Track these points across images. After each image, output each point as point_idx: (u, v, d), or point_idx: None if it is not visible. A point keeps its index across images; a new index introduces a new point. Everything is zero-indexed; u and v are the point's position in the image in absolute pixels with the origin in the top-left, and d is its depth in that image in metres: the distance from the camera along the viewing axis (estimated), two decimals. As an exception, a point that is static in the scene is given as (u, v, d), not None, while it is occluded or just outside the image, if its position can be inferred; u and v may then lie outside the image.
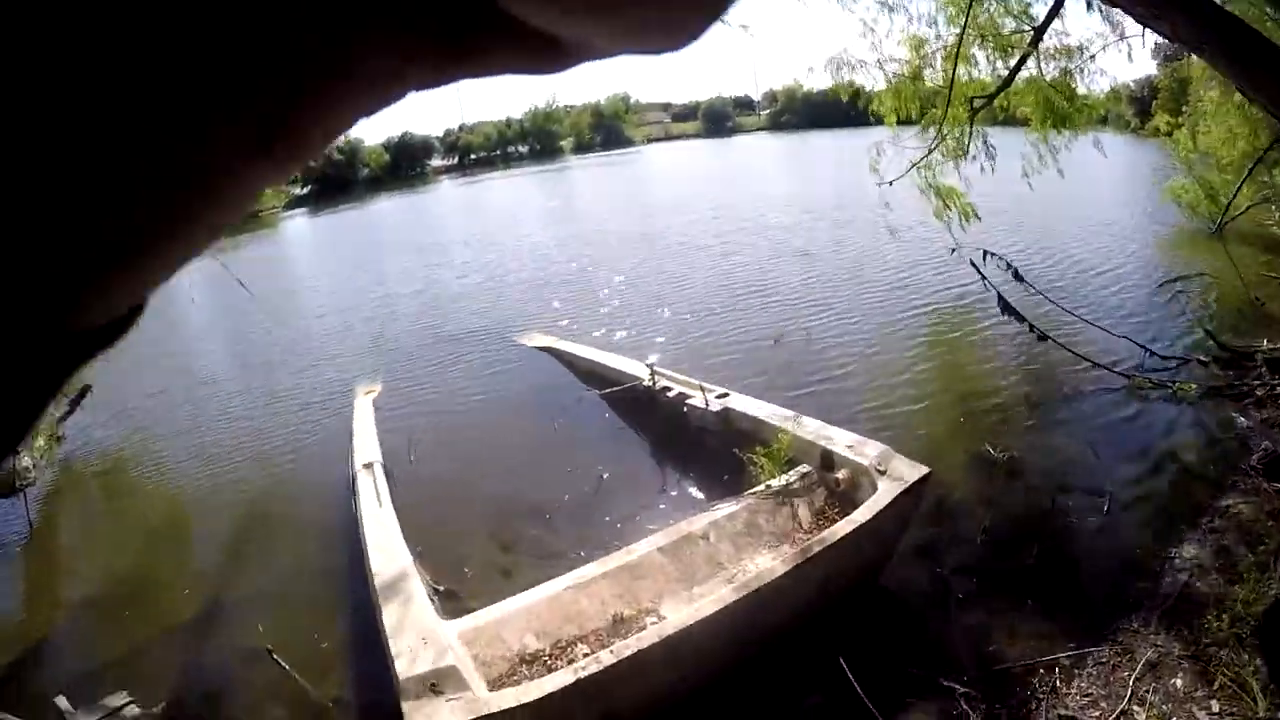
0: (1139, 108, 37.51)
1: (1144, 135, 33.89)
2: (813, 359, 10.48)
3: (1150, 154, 27.76)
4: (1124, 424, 8.49)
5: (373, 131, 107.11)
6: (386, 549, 6.23)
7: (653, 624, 5.06)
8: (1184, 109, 22.79)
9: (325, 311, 19.74)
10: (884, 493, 5.78)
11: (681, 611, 4.97)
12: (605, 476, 8.02)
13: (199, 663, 6.45)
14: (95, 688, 5.77)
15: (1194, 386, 8.89)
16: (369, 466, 7.80)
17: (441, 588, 6.35)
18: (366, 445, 8.59)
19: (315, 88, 0.22)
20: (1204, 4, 6.41)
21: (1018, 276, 9.90)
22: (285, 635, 6.36)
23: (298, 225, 60.23)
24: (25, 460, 10.43)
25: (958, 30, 10.64)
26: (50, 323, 0.23)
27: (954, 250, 10.90)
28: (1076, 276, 14.46)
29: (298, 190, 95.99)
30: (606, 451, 8.60)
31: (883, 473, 6.04)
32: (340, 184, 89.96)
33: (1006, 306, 9.66)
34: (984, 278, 9.72)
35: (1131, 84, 36.54)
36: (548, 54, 0.24)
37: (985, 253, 9.93)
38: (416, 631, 4.93)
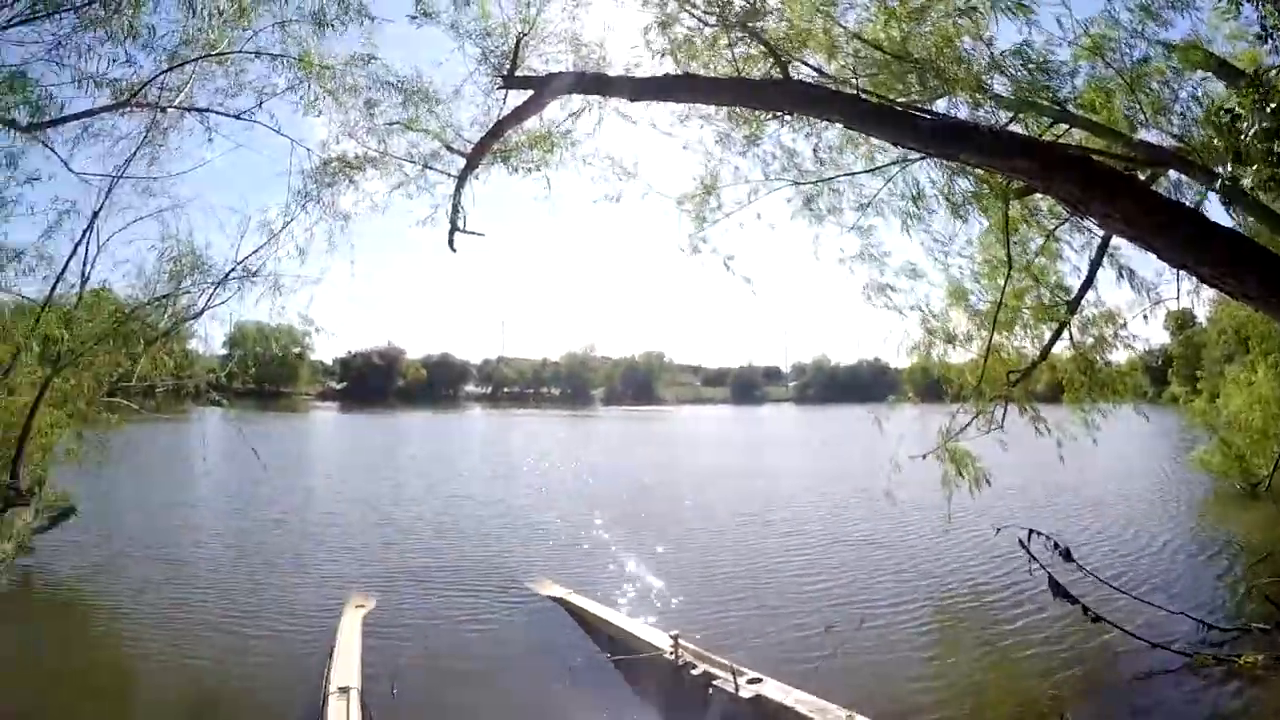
0: (1152, 376, 38.82)
1: (1160, 403, 34.31)
2: (865, 647, 9.32)
3: (1166, 421, 27.71)
4: (1188, 705, 7.50)
5: (415, 345, 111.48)
6: None
7: None
8: (1199, 376, 24.38)
9: (337, 508, 19.25)
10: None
11: None
12: (612, 764, 6.92)
13: None
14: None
15: (1259, 658, 7.96)
16: (344, 691, 6.80)
17: None
18: (346, 666, 7.59)
19: None
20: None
21: (1066, 556, 9.23)
22: None
23: (325, 417, 61.63)
24: (-18, 561, 9.75)
25: (994, 302, 10.54)
26: None
27: (999, 530, 10.33)
28: (1120, 550, 13.58)
29: (333, 384, 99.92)
30: (615, 729, 7.46)
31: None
32: (375, 389, 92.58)
33: (1057, 588, 8.95)
34: (1032, 557, 9.05)
35: (1146, 353, 37.62)
36: None
37: (1031, 532, 9.33)
38: None
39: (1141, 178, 8.06)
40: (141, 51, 8.77)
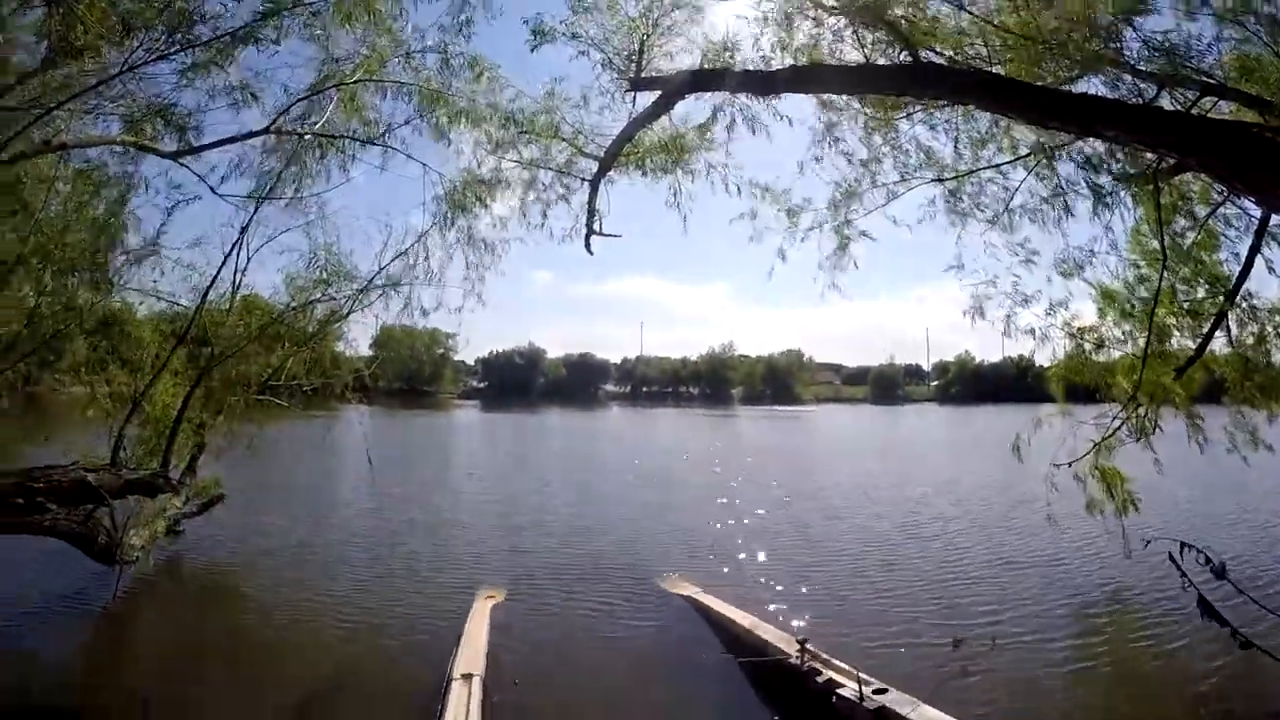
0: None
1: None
2: (997, 661, 8.82)
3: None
4: None
5: (555, 344, 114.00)
6: None
7: None
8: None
9: (475, 503, 19.93)
10: None
11: None
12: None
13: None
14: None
15: None
16: (467, 678, 7.00)
17: None
18: (472, 654, 7.83)
19: None
20: None
21: (1219, 573, 8.44)
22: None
23: (468, 415, 64.01)
24: (134, 539, 10.56)
25: (1148, 298, 9.86)
26: None
27: (1147, 543, 9.59)
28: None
29: (475, 383, 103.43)
30: (734, 730, 7.34)
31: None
32: (516, 388, 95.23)
33: (1207, 608, 8.19)
34: (1183, 573, 8.36)
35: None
36: None
37: (1183, 545, 8.59)
38: None
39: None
40: (277, 87, 9.41)
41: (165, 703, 7.28)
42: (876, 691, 6.76)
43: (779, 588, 11.67)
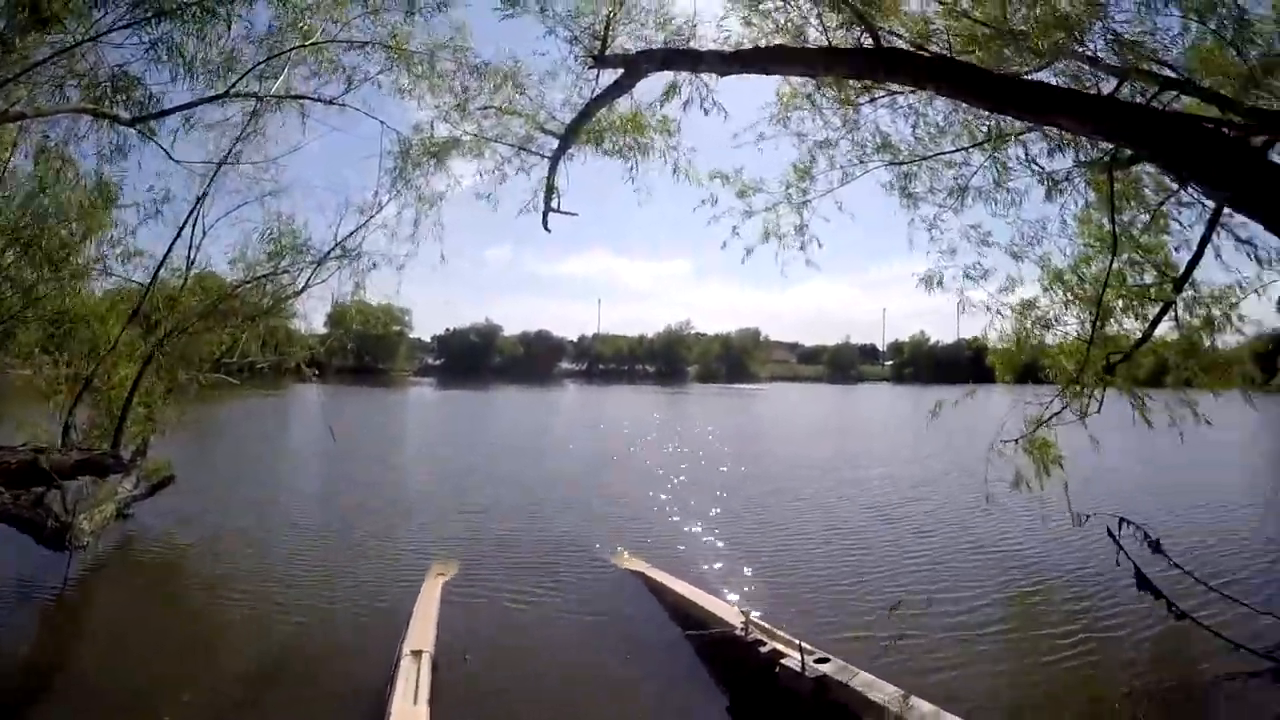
0: (1261, 364, 36.36)
1: (1272, 391, 32.34)
2: (931, 630, 9.04)
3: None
4: (1267, 714, 6.99)
5: (511, 322, 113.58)
6: None
7: None
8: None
9: (427, 480, 19.97)
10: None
11: None
12: (675, 731, 6.89)
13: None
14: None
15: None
16: (417, 654, 7.00)
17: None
18: (422, 630, 7.82)
19: None
20: None
21: (1155, 547, 8.76)
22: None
23: (423, 393, 63.64)
24: (84, 523, 10.34)
25: (1096, 282, 10.03)
26: None
27: (1087, 517, 9.84)
28: (1213, 547, 12.87)
29: (431, 360, 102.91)
30: (681, 702, 7.32)
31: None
32: (472, 365, 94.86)
33: (1143, 580, 8.52)
34: (1120, 547, 8.66)
35: (1256, 338, 35.46)
36: None
37: (1122, 520, 8.89)
38: None
39: (1256, 143, 7.51)
40: (240, 43, 9.09)
41: (115, 688, 7.19)
42: (818, 661, 6.94)
43: (728, 564, 11.85)
